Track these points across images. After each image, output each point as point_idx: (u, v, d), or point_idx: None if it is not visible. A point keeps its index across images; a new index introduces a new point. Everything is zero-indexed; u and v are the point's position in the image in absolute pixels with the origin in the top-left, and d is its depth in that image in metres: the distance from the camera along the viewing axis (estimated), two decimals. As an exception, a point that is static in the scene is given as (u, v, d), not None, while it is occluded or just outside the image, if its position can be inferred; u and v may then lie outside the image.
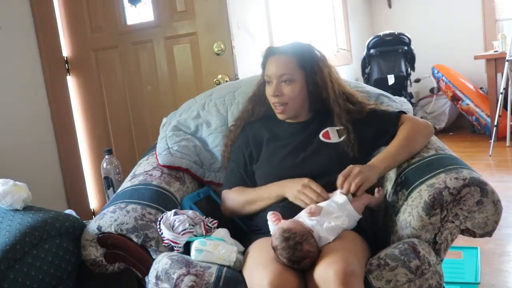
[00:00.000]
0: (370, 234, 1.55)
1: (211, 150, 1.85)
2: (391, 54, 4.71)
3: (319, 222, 1.34)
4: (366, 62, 4.88)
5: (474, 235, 1.39)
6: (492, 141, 4.26)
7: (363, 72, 4.93)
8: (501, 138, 4.47)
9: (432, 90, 5.24)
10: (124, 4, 2.59)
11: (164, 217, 1.47)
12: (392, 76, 4.60)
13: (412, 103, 4.62)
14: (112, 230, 1.45)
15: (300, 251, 1.26)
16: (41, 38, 2.59)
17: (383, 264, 1.25)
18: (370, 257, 1.33)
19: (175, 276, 1.27)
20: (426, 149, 1.57)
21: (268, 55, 1.65)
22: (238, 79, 2.28)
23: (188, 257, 1.38)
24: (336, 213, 1.38)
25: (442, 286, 1.28)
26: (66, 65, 2.68)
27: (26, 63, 2.56)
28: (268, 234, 1.39)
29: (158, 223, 1.46)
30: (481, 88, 5.01)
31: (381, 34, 4.81)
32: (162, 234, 1.43)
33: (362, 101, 1.68)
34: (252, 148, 1.69)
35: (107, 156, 2.02)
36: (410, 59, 4.78)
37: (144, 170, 1.75)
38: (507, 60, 4.24)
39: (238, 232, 1.58)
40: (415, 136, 1.57)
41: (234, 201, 1.64)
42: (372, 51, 4.79)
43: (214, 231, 1.49)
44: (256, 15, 3.62)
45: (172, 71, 2.51)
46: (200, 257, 1.36)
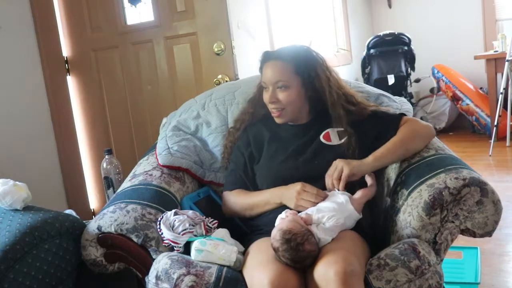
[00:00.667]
0: (370, 234, 1.55)
1: (211, 150, 1.85)
2: (391, 54, 4.71)
3: (314, 224, 1.35)
4: (366, 62, 4.88)
5: (474, 235, 1.39)
6: (492, 141, 4.26)
7: (363, 72, 4.93)
8: (501, 138, 4.47)
9: (432, 90, 5.24)
10: (124, 4, 2.59)
11: (164, 217, 1.47)
12: (392, 76, 4.61)
13: (412, 103, 4.62)
14: (112, 230, 1.45)
15: (303, 252, 1.26)
16: (41, 38, 2.59)
17: (383, 264, 1.25)
18: (370, 257, 1.33)
19: (175, 276, 1.27)
20: (426, 149, 1.57)
21: (264, 60, 1.63)
22: (238, 79, 2.28)
23: (188, 257, 1.38)
24: (327, 213, 1.38)
25: (442, 286, 1.28)
26: (66, 65, 2.68)
27: (26, 63, 2.56)
28: (269, 234, 1.38)
29: (158, 223, 1.46)
30: (481, 88, 5.01)
31: (381, 34, 4.81)
32: (162, 234, 1.44)
33: (362, 102, 1.68)
34: (253, 149, 1.69)
35: (107, 156, 2.02)
36: (410, 59, 4.78)
37: (144, 170, 1.75)
38: (507, 60, 4.24)
39: (238, 232, 1.58)
40: (413, 136, 1.57)
41: (234, 204, 1.64)
42: (372, 51, 4.79)
43: (214, 231, 1.49)
44: (256, 15, 3.62)
45: (172, 71, 2.51)
46: (200, 257, 1.36)
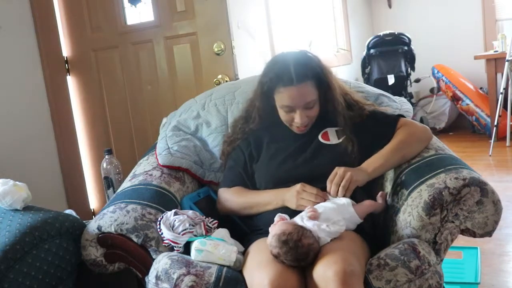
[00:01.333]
0: (371, 234, 1.55)
1: (211, 150, 1.85)
2: (391, 54, 4.71)
3: (317, 224, 1.35)
4: (366, 62, 4.88)
5: (474, 235, 1.39)
6: (492, 141, 4.26)
7: (363, 72, 4.93)
8: (501, 138, 4.47)
9: (432, 90, 5.23)
10: (124, 4, 2.59)
11: (164, 217, 1.47)
12: (392, 76, 4.60)
13: (412, 103, 4.62)
14: (112, 230, 1.45)
15: (302, 247, 1.26)
16: (41, 38, 2.59)
17: (383, 264, 1.25)
18: (370, 257, 1.33)
19: (175, 276, 1.27)
20: (426, 149, 1.57)
21: (282, 83, 1.53)
22: (238, 79, 2.28)
23: (188, 257, 1.38)
24: (334, 217, 1.38)
25: (442, 286, 1.28)
26: (66, 65, 2.68)
27: (26, 63, 2.56)
28: (268, 234, 1.38)
29: (158, 223, 1.46)
30: (481, 88, 5.01)
31: (381, 34, 4.81)
32: (162, 234, 1.44)
33: (359, 100, 1.67)
34: (253, 149, 1.69)
35: (107, 156, 2.02)
36: (410, 59, 4.78)
37: (144, 170, 1.75)
38: (507, 60, 4.24)
39: (238, 232, 1.58)
40: (410, 141, 1.56)
41: (232, 202, 1.63)
42: (372, 51, 4.79)
43: (214, 231, 1.49)
44: (256, 15, 3.62)
45: (172, 71, 2.51)
46: (200, 257, 1.36)
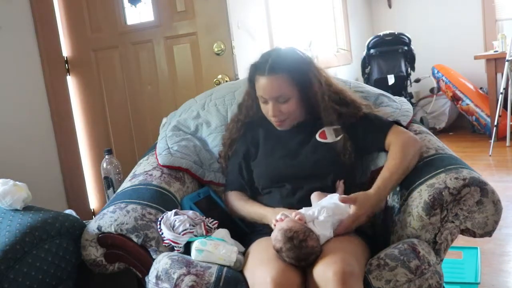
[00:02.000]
0: (370, 234, 1.55)
1: (211, 150, 1.85)
2: (391, 54, 4.71)
3: (310, 222, 1.35)
4: (366, 62, 4.88)
5: (474, 235, 1.39)
6: (492, 141, 4.26)
7: (363, 72, 4.93)
8: (501, 138, 4.47)
9: (432, 90, 5.24)
10: (124, 4, 2.59)
11: (164, 217, 1.47)
12: (392, 76, 4.60)
13: (412, 103, 4.62)
14: (112, 230, 1.45)
15: (306, 248, 1.26)
16: (41, 38, 2.59)
17: (382, 264, 1.25)
18: (369, 257, 1.33)
19: (175, 276, 1.27)
20: (427, 148, 1.57)
21: (257, 71, 1.58)
22: (238, 79, 2.28)
23: (188, 257, 1.38)
24: (317, 207, 1.38)
25: (442, 286, 1.28)
26: (66, 65, 2.68)
27: (26, 63, 2.56)
28: (269, 234, 1.39)
29: (158, 223, 1.46)
30: (481, 88, 5.01)
31: (381, 34, 4.81)
32: (163, 234, 1.44)
33: (355, 100, 1.65)
34: (250, 146, 1.70)
35: (107, 156, 2.02)
36: (410, 59, 4.78)
37: (144, 170, 1.75)
38: (507, 60, 4.24)
39: (238, 233, 1.58)
40: (406, 160, 1.48)
41: (238, 210, 1.65)
42: (372, 51, 4.79)
43: (214, 232, 1.49)
44: (256, 15, 3.62)
45: (172, 71, 2.51)
46: (201, 257, 1.36)
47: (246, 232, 1.62)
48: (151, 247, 1.45)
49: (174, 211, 1.49)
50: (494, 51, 4.72)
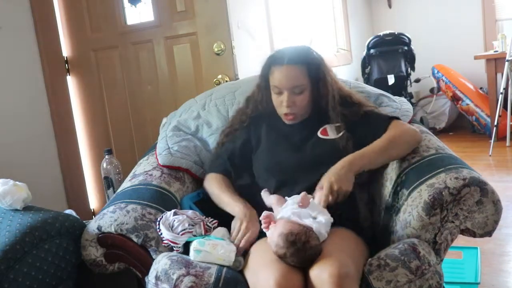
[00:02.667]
0: (370, 234, 1.55)
1: (211, 150, 1.85)
2: (391, 54, 4.71)
3: (312, 219, 1.35)
4: (366, 62, 4.88)
5: (474, 235, 1.39)
6: (492, 141, 4.26)
7: (363, 72, 4.93)
8: (501, 138, 4.47)
9: (432, 90, 5.24)
10: (124, 4, 2.59)
11: (163, 217, 1.47)
12: (392, 76, 4.60)
13: (412, 103, 4.62)
14: (112, 230, 1.45)
15: (310, 249, 1.25)
16: (41, 38, 2.59)
17: (383, 264, 1.25)
18: (369, 257, 1.33)
19: (174, 276, 1.27)
20: (427, 148, 1.57)
21: (274, 63, 1.61)
22: (238, 79, 2.28)
23: (187, 257, 1.38)
24: (317, 209, 1.38)
25: (442, 286, 1.28)
26: (66, 65, 2.68)
27: (26, 63, 2.56)
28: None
29: (157, 223, 1.46)
30: (481, 88, 5.01)
31: (381, 34, 4.81)
32: (162, 234, 1.44)
33: (359, 101, 1.67)
34: (252, 136, 1.70)
35: (107, 156, 2.02)
36: (410, 59, 4.78)
37: (144, 170, 1.75)
38: (507, 60, 4.24)
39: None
40: (397, 142, 1.52)
41: (212, 193, 1.65)
42: (372, 51, 4.79)
43: (213, 231, 1.49)
44: (256, 15, 3.62)
45: (172, 71, 2.51)
46: (199, 257, 1.35)
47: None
48: (151, 247, 1.45)
49: (173, 211, 1.49)
50: (494, 51, 4.72)
